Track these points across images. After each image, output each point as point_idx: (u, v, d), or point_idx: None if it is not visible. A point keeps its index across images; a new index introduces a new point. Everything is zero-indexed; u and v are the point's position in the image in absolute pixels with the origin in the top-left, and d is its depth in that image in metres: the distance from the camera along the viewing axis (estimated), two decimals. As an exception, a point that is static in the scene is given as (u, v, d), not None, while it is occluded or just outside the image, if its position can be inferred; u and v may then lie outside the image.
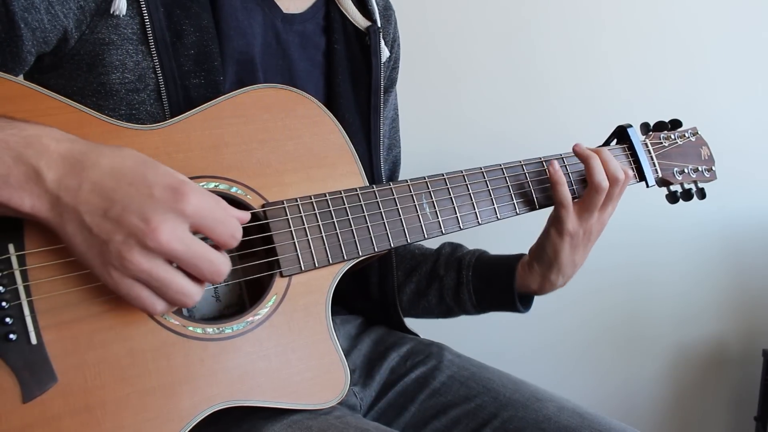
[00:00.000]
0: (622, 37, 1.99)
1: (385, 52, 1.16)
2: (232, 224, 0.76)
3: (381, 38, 1.15)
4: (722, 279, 2.23)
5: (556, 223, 1.10)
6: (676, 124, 1.29)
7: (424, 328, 1.26)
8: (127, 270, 0.70)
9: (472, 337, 1.64)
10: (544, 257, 1.13)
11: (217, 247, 0.76)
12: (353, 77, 1.12)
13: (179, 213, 0.71)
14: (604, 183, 1.07)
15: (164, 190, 0.71)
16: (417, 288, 1.26)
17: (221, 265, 0.75)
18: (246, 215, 0.79)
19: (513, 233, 1.27)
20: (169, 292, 0.72)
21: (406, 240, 0.99)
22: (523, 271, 1.16)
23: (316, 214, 0.93)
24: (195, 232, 0.74)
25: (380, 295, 1.20)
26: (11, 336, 0.72)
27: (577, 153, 1.11)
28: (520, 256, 1.19)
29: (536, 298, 1.23)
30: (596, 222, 1.10)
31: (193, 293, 0.74)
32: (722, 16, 2.06)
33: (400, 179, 1.15)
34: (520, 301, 1.18)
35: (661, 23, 2.02)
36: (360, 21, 1.13)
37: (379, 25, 1.15)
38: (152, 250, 0.70)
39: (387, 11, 1.22)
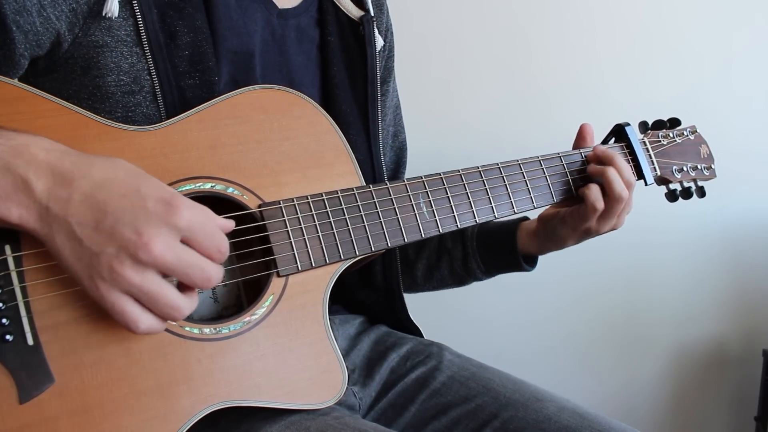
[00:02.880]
0: (620, 37, 2.00)
1: (379, 41, 1.16)
2: (218, 238, 0.75)
3: (375, 27, 1.15)
4: (722, 279, 2.24)
5: (576, 221, 1.13)
6: (674, 122, 1.29)
7: (424, 328, 1.26)
8: (117, 283, 0.69)
9: (472, 338, 1.64)
10: (553, 237, 1.17)
11: None
12: (349, 68, 1.13)
13: (172, 226, 0.70)
14: (624, 193, 1.10)
15: (157, 203, 0.70)
16: (428, 263, 1.30)
17: (212, 272, 0.74)
18: (230, 223, 0.79)
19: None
20: (159, 304, 0.72)
21: (404, 239, 0.99)
22: (527, 238, 1.21)
23: (312, 214, 0.93)
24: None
25: (385, 284, 1.20)
26: (8, 337, 0.72)
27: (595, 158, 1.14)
28: (521, 219, 1.23)
29: (538, 300, 1.24)
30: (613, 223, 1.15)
31: (183, 306, 0.74)
32: (721, 15, 2.06)
33: (398, 179, 1.15)
34: (525, 261, 1.24)
35: (660, 23, 2.02)
36: (353, 11, 1.13)
37: (372, 15, 1.15)
38: (144, 263, 0.69)
39: (379, 0, 1.22)
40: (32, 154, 0.70)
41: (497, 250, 1.24)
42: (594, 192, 1.10)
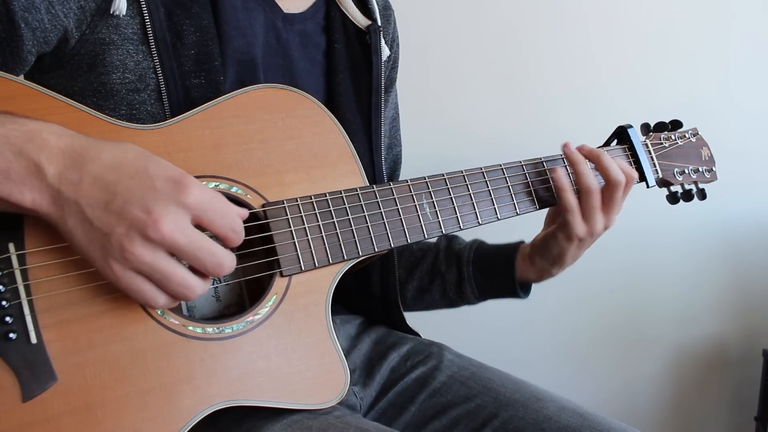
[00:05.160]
0: (620, 39, 2.00)
1: (385, 51, 1.16)
2: (231, 217, 0.76)
3: (381, 37, 1.15)
4: (722, 279, 2.24)
5: (563, 228, 1.10)
6: (676, 124, 1.29)
7: (424, 328, 1.26)
8: (128, 262, 0.70)
9: (472, 338, 1.64)
10: (549, 256, 1.14)
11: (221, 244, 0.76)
12: (354, 76, 1.12)
13: (181, 204, 0.71)
14: (594, 186, 1.08)
15: (166, 182, 0.71)
16: (420, 285, 1.28)
17: (224, 258, 0.75)
18: (244, 211, 0.80)
19: (513, 235, 1.27)
20: (171, 284, 0.72)
21: (406, 240, 0.99)
22: (524, 263, 1.19)
23: (316, 213, 0.93)
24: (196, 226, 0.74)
25: (382, 294, 1.20)
26: (11, 335, 0.72)
27: (566, 156, 1.12)
28: (518, 245, 1.21)
29: (538, 301, 1.23)
30: (601, 222, 1.10)
31: (195, 286, 0.74)
32: (720, 16, 2.06)
33: (400, 179, 1.15)
34: (520, 288, 1.21)
35: (659, 24, 2.02)
36: (360, 20, 1.13)
37: (380, 24, 1.15)
38: (154, 242, 0.70)
39: (386, 11, 1.23)
40: (44, 139, 0.70)
41: (494, 275, 1.22)
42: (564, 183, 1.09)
